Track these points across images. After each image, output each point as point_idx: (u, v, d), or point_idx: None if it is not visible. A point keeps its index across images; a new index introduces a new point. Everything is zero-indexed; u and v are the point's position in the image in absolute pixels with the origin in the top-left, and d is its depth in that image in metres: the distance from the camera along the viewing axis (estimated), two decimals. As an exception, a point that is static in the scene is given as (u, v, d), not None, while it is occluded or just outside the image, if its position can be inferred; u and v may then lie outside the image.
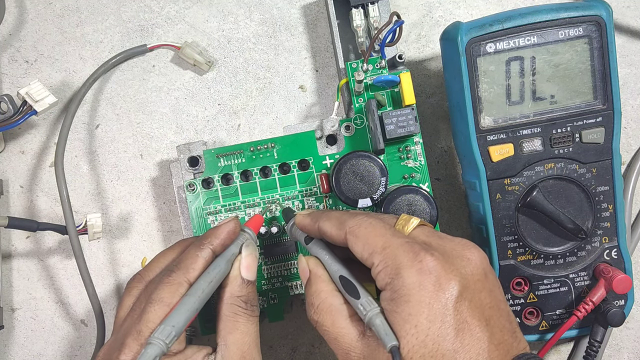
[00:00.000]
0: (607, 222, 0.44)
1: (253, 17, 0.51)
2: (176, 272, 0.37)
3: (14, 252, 0.50)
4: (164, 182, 0.50)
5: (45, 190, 0.51)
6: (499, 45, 0.42)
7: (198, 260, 0.37)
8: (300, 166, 0.46)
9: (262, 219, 0.43)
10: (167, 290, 0.36)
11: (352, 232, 0.36)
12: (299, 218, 0.41)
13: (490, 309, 0.33)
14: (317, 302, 0.37)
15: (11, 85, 0.51)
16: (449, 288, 0.32)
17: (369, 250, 0.35)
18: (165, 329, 0.34)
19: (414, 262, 0.33)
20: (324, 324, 0.36)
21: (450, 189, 0.50)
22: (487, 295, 0.34)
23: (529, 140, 0.43)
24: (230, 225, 0.39)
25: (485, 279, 0.34)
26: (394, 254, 0.34)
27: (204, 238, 0.39)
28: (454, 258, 0.34)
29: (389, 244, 0.34)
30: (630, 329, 0.50)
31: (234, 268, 0.39)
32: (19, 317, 0.50)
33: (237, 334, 0.37)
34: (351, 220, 0.37)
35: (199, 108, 0.51)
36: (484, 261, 0.35)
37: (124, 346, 0.35)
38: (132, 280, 0.40)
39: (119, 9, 0.51)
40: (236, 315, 0.37)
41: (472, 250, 0.35)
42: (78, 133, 0.51)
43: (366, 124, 0.46)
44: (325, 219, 0.38)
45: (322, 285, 0.37)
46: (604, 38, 0.42)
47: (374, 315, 0.33)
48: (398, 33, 0.45)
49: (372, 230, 0.35)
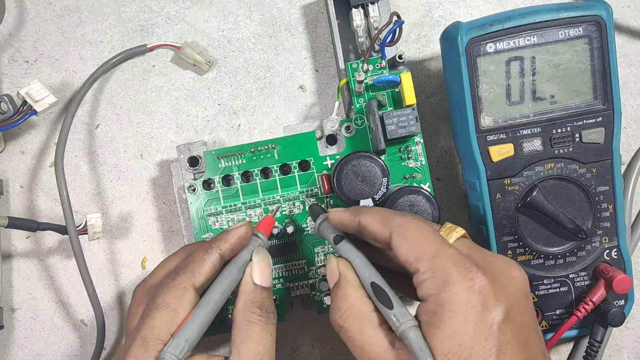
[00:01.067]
0: (607, 222, 0.44)
1: (253, 17, 0.51)
2: (181, 275, 0.36)
3: (14, 252, 0.50)
4: (164, 182, 0.50)
5: (45, 190, 0.51)
6: (499, 45, 0.42)
7: (205, 264, 0.36)
8: (300, 167, 0.46)
9: (273, 220, 0.42)
10: (172, 294, 0.35)
11: (399, 231, 0.34)
12: (335, 213, 0.38)
13: (529, 331, 0.33)
14: (345, 307, 0.35)
15: (11, 85, 0.51)
16: (496, 309, 0.31)
17: (416, 254, 0.33)
18: (179, 344, 0.33)
19: (465, 278, 0.32)
20: (349, 329, 0.34)
21: (450, 189, 0.50)
22: (528, 316, 0.33)
23: (529, 140, 0.43)
24: (242, 231, 0.38)
25: (527, 300, 0.34)
26: (444, 265, 0.32)
27: (213, 242, 0.37)
28: (500, 276, 0.33)
29: (439, 252, 0.33)
30: (630, 329, 0.50)
31: (245, 274, 0.37)
32: (19, 317, 0.50)
33: (251, 343, 0.35)
34: (398, 218, 0.35)
35: (199, 108, 0.51)
36: (526, 281, 0.34)
37: (128, 354, 0.33)
38: (138, 288, 0.39)
39: (119, 9, 0.51)
40: (250, 322, 0.36)
41: (515, 268, 0.34)
42: (78, 133, 0.51)
43: (367, 124, 0.46)
44: (368, 213, 0.36)
45: (351, 290, 0.35)
46: (604, 38, 0.42)
47: (407, 327, 0.32)
48: (398, 33, 0.45)
49: (422, 234, 0.34)
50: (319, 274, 0.46)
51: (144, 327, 0.34)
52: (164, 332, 0.34)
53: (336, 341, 0.50)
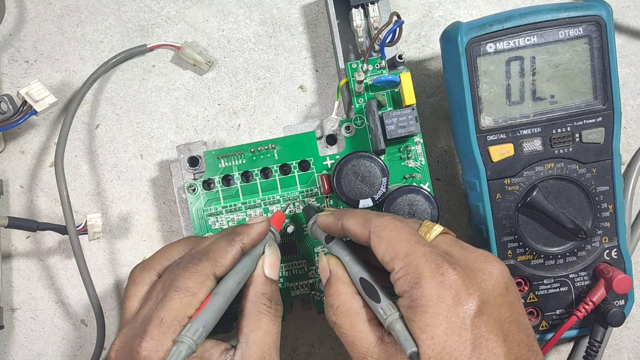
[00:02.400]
0: (607, 222, 0.44)
1: (253, 17, 0.51)
2: (204, 262, 0.36)
3: (14, 252, 0.50)
4: (164, 182, 0.50)
5: (45, 190, 0.51)
6: (499, 45, 0.42)
7: (227, 255, 0.37)
8: (300, 167, 0.46)
9: (283, 215, 0.43)
10: (194, 279, 0.35)
11: (376, 232, 0.36)
12: (321, 217, 0.40)
13: (509, 324, 0.33)
14: (337, 304, 0.36)
15: (11, 85, 0.51)
16: (468, 303, 0.32)
17: (391, 254, 0.34)
18: (198, 329, 0.33)
19: (435, 274, 0.33)
20: (342, 326, 0.36)
21: (450, 189, 0.50)
22: (507, 309, 0.33)
23: (529, 140, 0.43)
24: (263, 226, 0.39)
25: (507, 293, 0.34)
26: (416, 263, 0.33)
27: (236, 234, 0.38)
28: (475, 271, 0.33)
29: (412, 251, 0.34)
30: (630, 329, 0.50)
31: (258, 266, 0.39)
32: (19, 317, 0.50)
33: (260, 333, 0.36)
34: (376, 220, 0.36)
35: (199, 108, 0.51)
36: (506, 274, 0.34)
37: (145, 333, 0.34)
38: (136, 269, 0.39)
39: (119, 9, 0.51)
40: (260, 313, 0.37)
41: (493, 263, 0.34)
42: (78, 133, 0.51)
43: (366, 124, 0.46)
44: (350, 216, 0.38)
45: (342, 287, 0.37)
46: (604, 38, 0.42)
47: (394, 319, 0.33)
48: (398, 33, 0.45)
49: (397, 233, 0.35)
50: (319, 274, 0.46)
51: (163, 308, 0.34)
52: (182, 314, 0.34)
53: (336, 341, 0.50)
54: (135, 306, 0.38)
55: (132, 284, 0.38)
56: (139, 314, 0.36)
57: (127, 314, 0.38)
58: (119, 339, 0.36)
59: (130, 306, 0.38)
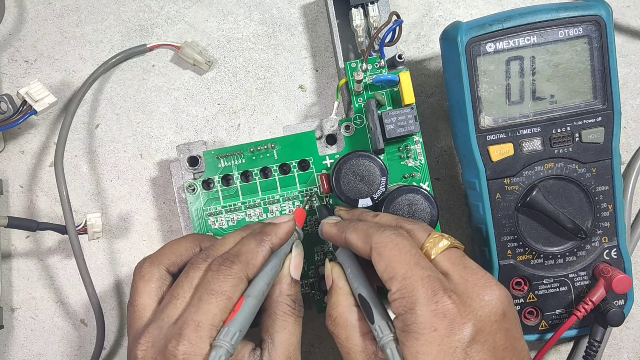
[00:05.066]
0: (607, 222, 0.44)
1: (253, 17, 0.51)
2: (237, 264, 0.36)
3: (14, 252, 0.50)
4: (164, 182, 0.50)
5: (45, 190, 0.51)
6: (499, 45, 0.42)
7: (258, 257, 0.37)
8: (300, 167, 0.46)
9: (305, 213, 0.43)
10: (229, 282, 0.35)
11: (377, 249, 0.35)
12: (326, 227, 0.40)
13: (503, 351, 0.32)
14: (335, 315, 0.37)
15: (11, 85, 0.51)
16: (462, 332, 0.32)
17: (390, 274, 0.34)
18: (235, 334, 0.33)
19: (431, 302, 0.32)
20: (339, 336, 0.36)
21: (450, 189, 0.50)
22: (502, 336, 0.33)
23: (529, 140, 0.43)
24: (291, 225, 0.39)
25: (503, 320, 0.33)
26: (412, 287, 0.33)
27: (265, 235, 0.38)
28: (472, 299, 0.33)
29: (410, 274, 0.33)
30: (630, 329, 0.50)
31: (284, 267, 0.39)
32: (19, 317, 0.50)
33: (286, 334, 0.37)
34: (378, 236, 0.36)
35: (199, 108, 0.51)
36: (505, 300, 0.34)
37: (182, 337, 0.33)
38: (145, 265, 0.38)
39: (119, 9, 0.51)
40: (285, 314, 0.37)
41: (493, 288, 0.34)
42: (78, 133, 0.51)
43: (366, 124, 0.46)
44: (352, 230, 0.38)
45: (341, 299, 0.37)
46: (604, 38, 0.42)
47: (387, 342, 0.34)
48: (398, 33, 0.45)
49: (397, 253, 0.35)
50: (319, 274, 0.46)
51: (199, 312, 0.34)
52: (219, 319, 0.34)
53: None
54: (149, 303, 0.37)
55: (141, 279, 0.38)
56: (165, 313, 0.35)
57: (139, 311, 0.37)
58: (146, 338, 0.35)
59: (142, 302, 0.37)
